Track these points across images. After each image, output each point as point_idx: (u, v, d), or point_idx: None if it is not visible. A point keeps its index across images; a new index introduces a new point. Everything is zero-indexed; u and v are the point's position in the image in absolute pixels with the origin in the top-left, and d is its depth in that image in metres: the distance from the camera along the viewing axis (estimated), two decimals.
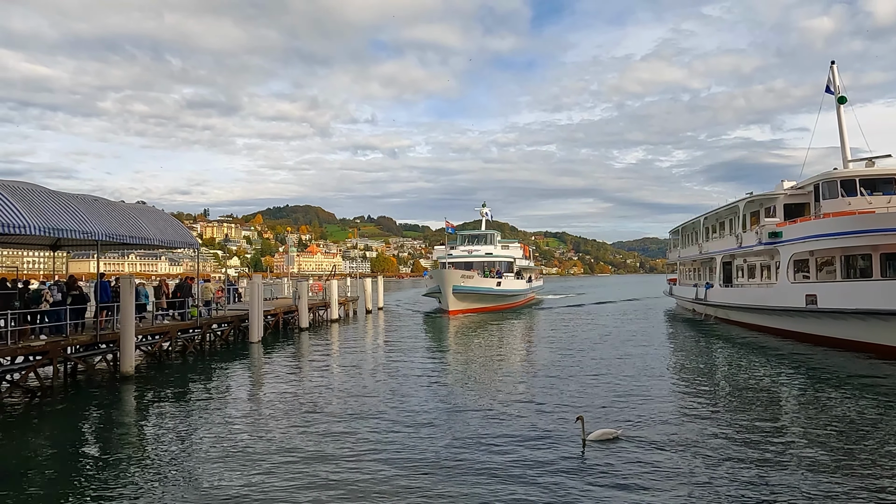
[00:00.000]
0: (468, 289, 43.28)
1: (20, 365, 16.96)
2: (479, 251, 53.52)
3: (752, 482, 8.94)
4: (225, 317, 27.42)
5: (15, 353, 16.10)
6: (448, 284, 42.02)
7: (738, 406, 14.18)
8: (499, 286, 47.27)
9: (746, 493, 8.50)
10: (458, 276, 42.67)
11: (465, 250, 53.94)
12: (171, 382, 18.12)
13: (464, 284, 42.80)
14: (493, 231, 59.21)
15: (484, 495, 8.57)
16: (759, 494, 8.45)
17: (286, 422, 12.93)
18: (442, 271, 43.71)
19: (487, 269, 49.80)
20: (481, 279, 45.64)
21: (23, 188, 16.60)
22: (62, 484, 9.29)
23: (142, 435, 12.52)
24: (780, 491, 8.60)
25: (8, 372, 16.43)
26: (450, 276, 42.38)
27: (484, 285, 45.43)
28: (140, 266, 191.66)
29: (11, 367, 16.66)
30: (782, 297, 26.65)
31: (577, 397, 15.03)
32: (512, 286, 51.53)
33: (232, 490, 8.90)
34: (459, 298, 42.88)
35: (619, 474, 9.37)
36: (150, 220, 22.37)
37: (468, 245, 55.37)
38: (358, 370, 19.90)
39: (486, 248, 54.38)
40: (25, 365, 16.84)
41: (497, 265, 51.79)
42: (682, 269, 52.21)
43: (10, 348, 15.44)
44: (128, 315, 18.46)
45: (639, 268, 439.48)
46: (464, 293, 43.00)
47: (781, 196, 30.04)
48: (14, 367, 16.70)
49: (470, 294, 43.69)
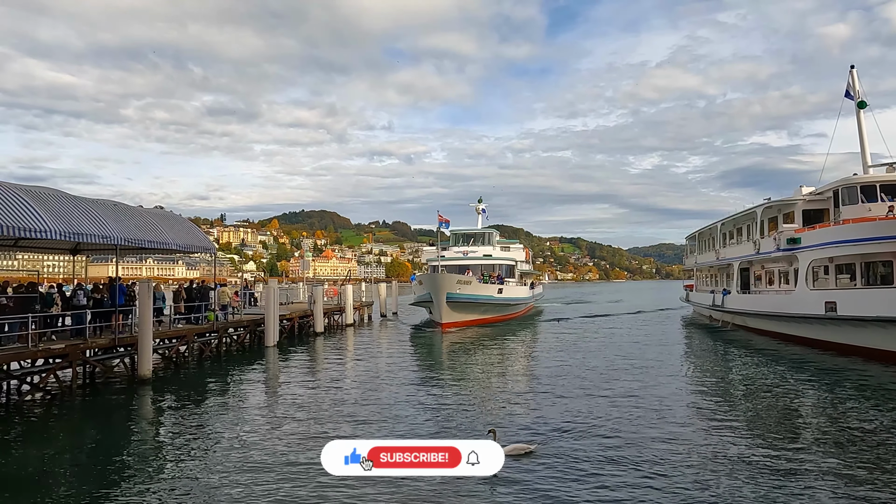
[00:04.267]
0: (465, 297, 36.51)
1: (40, 368, 17.20)
2: (475, 252, 46.15)
3: (767, 493, 8.83)
4: (241, 321, 27.60)
5: (35, 356, 16.33)
6: (441, 292, 35.12)
7: (755, 416, 14.03)
8: (500, 294, 40.60)
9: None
10: (454, 283, 35.79)
11: (459, 251, 46.46)
12: (187, 386, 18.26)
13: (460, 292, 36.02)
14: (491, 230, 50.75)
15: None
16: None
17: (302, 426, 12.98)
18: (434, 276, 36.45)
19: (487, 273, 42.51)
20: (480, 286, 38.66)
21: (45, 193, 16.89)
22: (81, 485, 9.39)
23: (159, 438, 12.64)
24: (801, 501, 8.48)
25: (28, 374, 16.67)
26: (443, 281, 35.39)
27: (483, 293, 38.63)
28: (157, 270, 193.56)
29: (32, 370, 16.90)
30: (801, 304, 26.31)
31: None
32: (514, 294, 45.09)
33: (246, 493, 8.94)
34: (454, 309, 36.10)
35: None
36: (168, 224, 22.61)
37: (463, 245, 47.78)
38: (372, 375, 19.94)
39: (484, 249, 46.98)
40: (45, 368, 17.07)
41: (497, 269, 44.83)
42: (699, 276, 51.72)
43: (30, 351, 15.66)
44: (145, 319, 18.65)
45: (654, 274, 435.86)
46: (460, 302, 36.25)
47: (800, 202, 29.70)
48: (34, 370, 16.95)
49: (467, 304, 36.93)
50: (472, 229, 50.04)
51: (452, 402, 15.43)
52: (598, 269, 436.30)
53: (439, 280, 35.38)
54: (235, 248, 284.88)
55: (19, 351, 15.40)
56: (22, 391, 16.50)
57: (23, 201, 15.01)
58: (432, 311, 37.88)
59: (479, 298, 37.90)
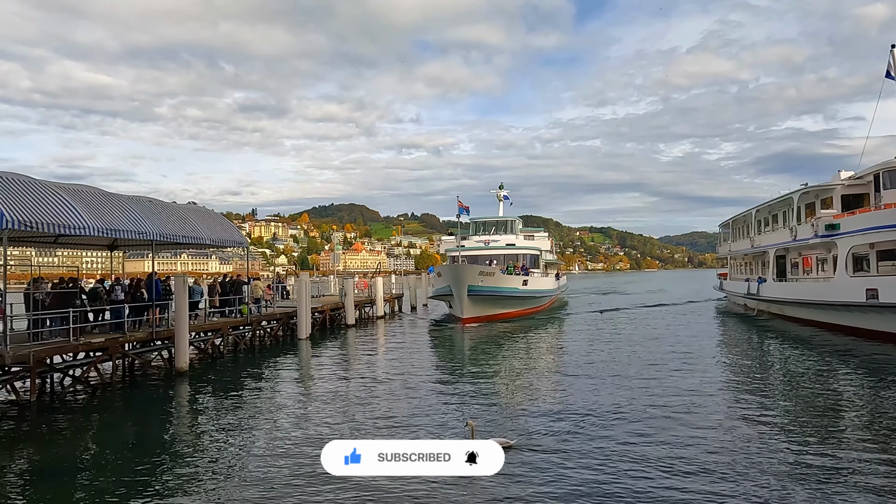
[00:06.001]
0: (488, 290, 34.10)
1: (81, 361, 17.67)
2: (497, 241, 43.62)
3: (811, 494, 8.64)
4: (274, 314, 27.95)
5: (77, 350, 16.77)
6: (462, 285, 32.83)
7: (797, 408, 13.74)
8: (525, 286, 37.98)
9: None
10: (476, 274, 33.36)
11: (480, 241, 43.60)
12: (224, 378, 18.59)
13: (482, 284, 33.63)
14: (513, 217, 47.84)
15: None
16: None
17: (336, 418, 13.08)
18: (454, 267, 34.39)
19: (511, 264, 39.62)
20: (503, 277, 35.94)
21: (83, 191, 17.34)
22: (123, 475, 9.62)
23: (197, 428, 12.90)
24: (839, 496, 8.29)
25: (70, 368, 17.13)
26: (465, 273, 33.00)
27: (508, 285, 36.15)
28: (191, 265, 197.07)
29: (74, 363, 17.38)
30: (840, 292, 25.68)
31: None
32: (540, 285, 42.32)
33: (282, 483, 9.05)
34: (476, 302, 33.77)
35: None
36: (202, 219, 22.97)
37: (483, 234, 45.10)
38: (405, 366, 20.03)
39: (507, 238, 44.30)
40: (87, 361, 17.52)
41: (521, 259, 42.24)
42: (733, 264, 50.77)
43: (72, 345, 16.07)
44: (182, 312, 19.00)
45: (687, 262, 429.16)
46: (482, 295, 33.87)
47: (839, 187, 28.93)
48: (76, 363, 17.42)
49: (490, 297, 34.49)
50: (494, 217, 47.47)
51: (488, 402, 15.42)
52: (629, 258, 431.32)
53: (460, 272, 33.13)
54: (267, 242, 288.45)
55: (61, 345, 15.82)
56: (64, 384, 16.99)
57: (63, 199, 15.39)
58: (452, 305, 35.98)
59: (502, 291, 35.58)
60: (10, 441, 11.93)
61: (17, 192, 14.37)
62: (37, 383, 15.19)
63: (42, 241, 20.58)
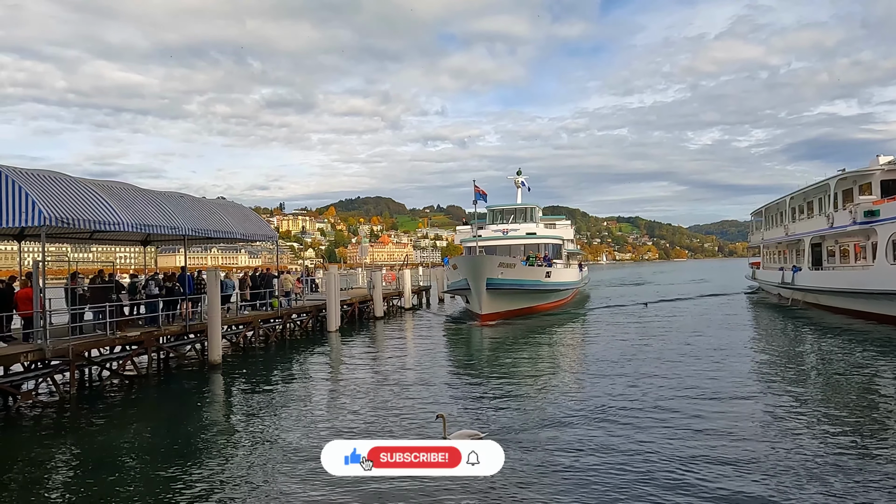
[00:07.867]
0: (509, 283, 30.88)
1: (118, 354, 18.03)
2: (517, 230, 40.49)
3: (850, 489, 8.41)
4: (304, 307, 28.19)
5: (113, 343, 17.10)
6: (481, 277, 29.39)
7: (836, 400, 13.42)
8: (548, 278, 34.98)
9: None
10: (495, 266, 30.00)
11: (498, 230, 40.74)
12: (256, 371, 18.79)
13: (502, 277, 30.35)
14: (533, 205, 44.73)
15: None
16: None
17: (367, 410, 13.12)
18: (471, 259, 30.82)
19: (533, 254, 36.42)
20: (525, 269, 32.60)
21: (117, 188, 17.64)
22: (160, 466, 9.76)
23: (231, 420, 13.07)
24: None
25: (108, 360, 17.49)
26: (484, 264, 29.61)
27: (529, 277, 32.85)
28: (222, 259, 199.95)
29: (110, 356, 17.72)
30: (881, 280, 24.99)
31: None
32: (564, 277, 39.16)
33: (315, 474, 9.10)
34: (495, 297, 30.42)
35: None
36: (231, 214, 23.23)
37: (501, 223, 42.22)
38: (435, 358, 20.05)
39: (527, 227, 41.27)
40: (123, 354, 17.89)
41: (543, 249, 38.98)
42: (766, 253, 49.77)
43: (109, 338, 16.39)
44: (214, 306, 19.24)
45: (717, 252, 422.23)
46: (502, 289, 30.60)
47: (878, 172, 28.12)
48: (113, 356, 17.77)
49: (510, 291, 31.31)
50: (512, 204, 44.67)
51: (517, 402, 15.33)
52: (658, 248, 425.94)
53: (478, 264, 29.75)
54: (295, 235, 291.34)
55: (99, 339, 16.14)
56: (102, 377, 17.35)
57: (98, 196, 15.68)
58: (469, 299, 32.65)
59: (524, 284, 32.35)
60: (53, 432, 12.22)
61: (53, 189, 14.66)
62: (76, 376, 15.55)
63: (78, 238, 21.00)
